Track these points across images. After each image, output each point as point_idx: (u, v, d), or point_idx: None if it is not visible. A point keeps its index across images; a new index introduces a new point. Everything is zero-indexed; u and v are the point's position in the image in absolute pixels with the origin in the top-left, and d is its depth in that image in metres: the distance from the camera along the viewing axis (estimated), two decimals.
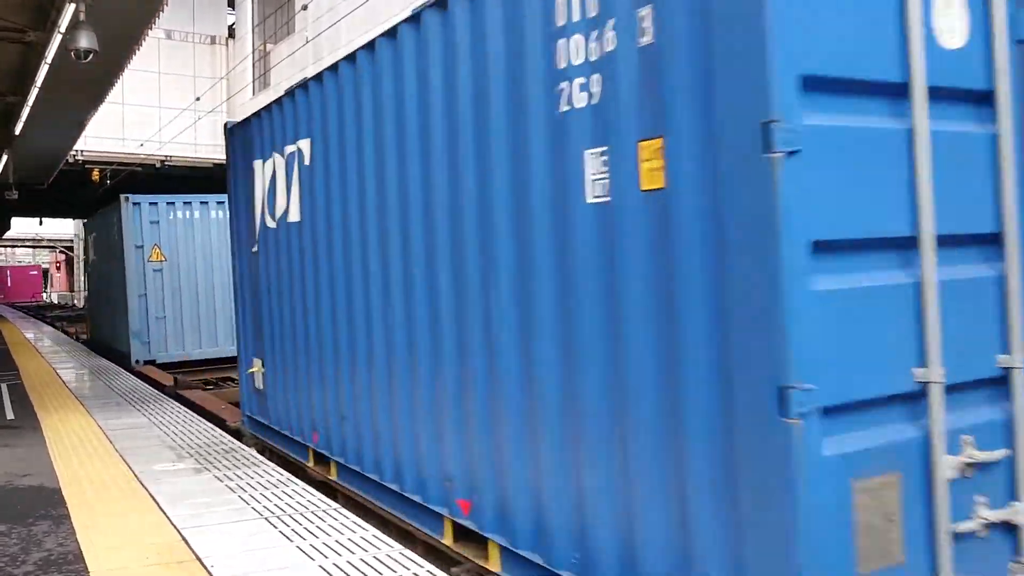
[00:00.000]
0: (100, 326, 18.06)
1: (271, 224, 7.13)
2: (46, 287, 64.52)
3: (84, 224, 19.01)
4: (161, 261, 14.15)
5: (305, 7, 18.70)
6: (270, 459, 6.88)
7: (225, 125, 8.40)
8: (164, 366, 14.04)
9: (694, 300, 3.09)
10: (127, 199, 13.91)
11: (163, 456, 6.63)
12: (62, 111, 13.50)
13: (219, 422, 8.85)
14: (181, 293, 14.22)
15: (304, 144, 6.44)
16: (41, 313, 37.31)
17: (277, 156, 6.91)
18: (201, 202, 14.54)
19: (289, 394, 7.02)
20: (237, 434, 8.27)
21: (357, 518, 4.89)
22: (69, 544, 4.54)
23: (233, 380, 13.22)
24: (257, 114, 7.38)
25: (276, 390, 7.33)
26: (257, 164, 7.43)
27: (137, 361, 13.92)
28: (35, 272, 63.38)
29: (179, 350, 14.29)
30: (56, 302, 55.06)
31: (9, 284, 58.44)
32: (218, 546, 4.42)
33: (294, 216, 6.62)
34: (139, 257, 13.99)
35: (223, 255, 13.44)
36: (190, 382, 12.37)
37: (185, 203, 14.47)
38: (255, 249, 7.57)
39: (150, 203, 14.19)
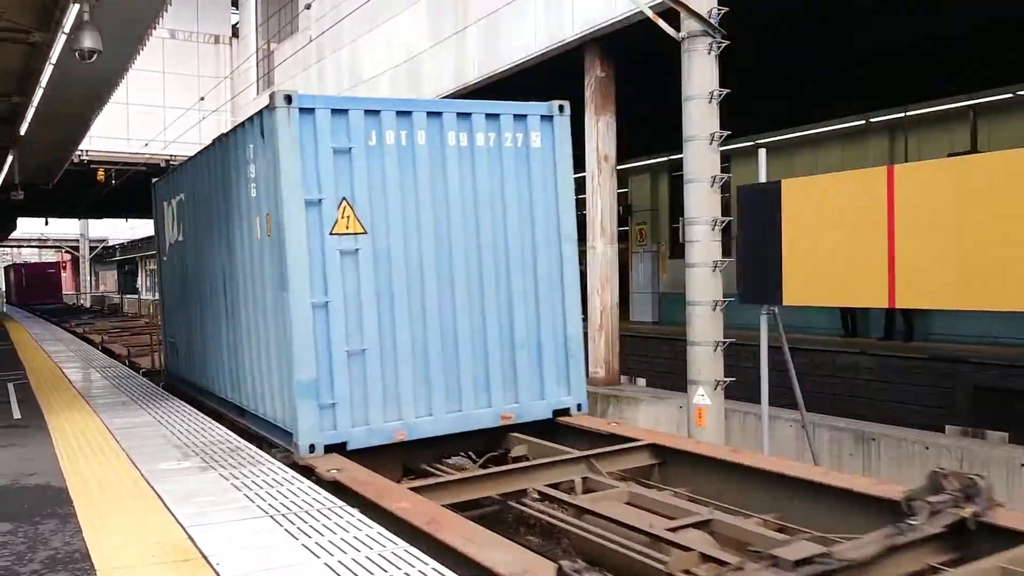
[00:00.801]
0: (195, 360, 10.17)
1: None
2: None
3: (154, 185, 11.81)
4: (356, 234, 6.82)
5: (308, 6, 18.70)
6: None
7: None
8: (362, 455, 6.57)
9: None
10: (288, 99, 6.60)
11: (169, 455, 6.65)
12: (67, 111, 13.52)
13: None
14: (393, 299, 6.95)
15: None
16: (61, 318, 29.86)
17: None
18: (429, 113, 7.20)
19: None
20: None
21: (363, 516, 4.90)
22: (75, 543, 4.56)
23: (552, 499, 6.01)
24: None
25: None
26: None
27: (312, 447, 6.52)
28: (52, 271, 53.87)
29: (392, 420, 6.92)
30: (67, 303, 49.36)
31: (24, 284, 50.54)
32: (224, 544, 4.43)
33: None
34: (314, 224, 6.66)
35: (487, 223, 7.40)
36: None
37: (401, 114, 7.06)
38: None
39: (334, 111, 6.82)
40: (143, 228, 49.69)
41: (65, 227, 54.30)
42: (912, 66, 14.44)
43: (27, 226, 45.49)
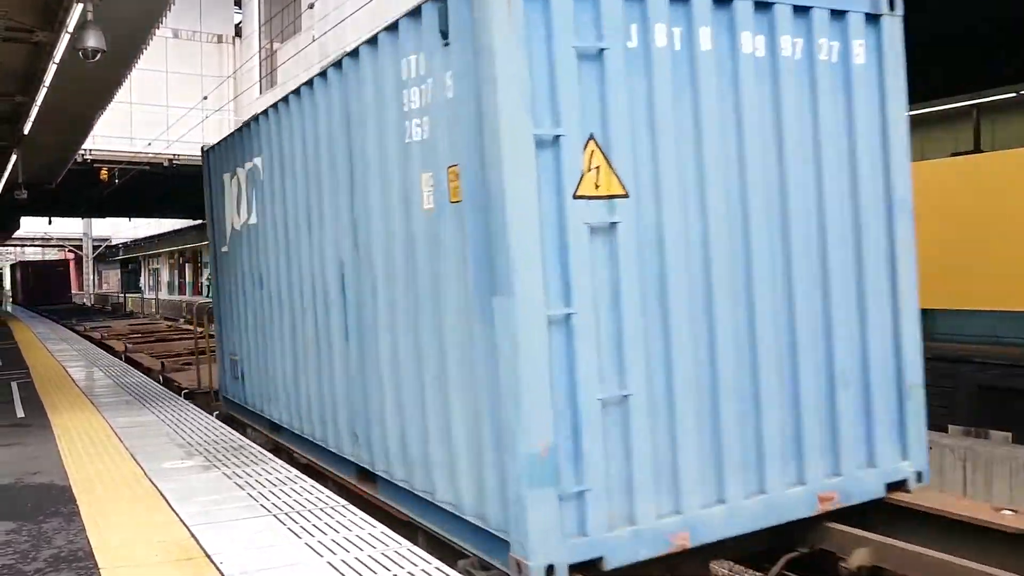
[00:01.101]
0: (274, 388, 7.59)
1: None
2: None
3: (208, 153, 9.30)
4: (613, 197, 4.16)
5: (311, 6, 18.74)
6: None
7: None
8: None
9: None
10: None
11: (172, 454, 6.66)
12: (70, 111, 13.54)
13: None
14: (668, 308, 4.31)
15: None
16: (72, 320, 27.92)
17: None
18: (716, 2, 4.48)
19: None
20: None
21: (366, 515, 4.91)
22: (79, 541, 4.57)
23: None
24: None
25: None
26: None
27: (551, 569, 3.84)
28: (61, 269, 52.02)
29: (668, 513, 4.26)
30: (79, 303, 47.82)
31: (32, 283, 48.03)
32: (227, 543, 4.44)
33: None
34: (547, 178, 4.01)
35: (796, 183, 4.74)
36: None
37: (676, 2, 4.36)
38: None
39: None
40: (145, 227, 49.76)
41: (68, 226, 54.30)
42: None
43: (30, 225, 45.41)
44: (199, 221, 41.39)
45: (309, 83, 6.24)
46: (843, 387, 4.81)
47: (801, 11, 4.75)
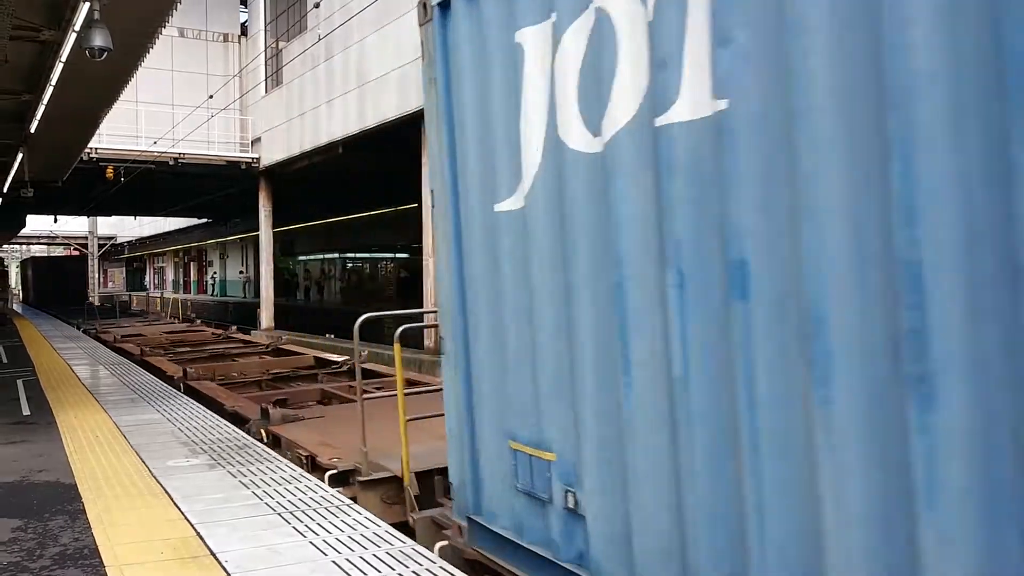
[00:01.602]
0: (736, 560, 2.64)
1: None
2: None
3: (438, 7, 4.02)
4: None
5: (317, 5, 18.76)
6: None
7: None
8: None
9: None
10: None
11: (177, 452, 6.68)
12: (77, 109, 13.57)
13: None
14: None
15: None
16: (94, 325, 23.24)
17: None
18: None
19: None
20: None
21: (370, 514, 4.91)
22: (85, 539, 4.58)
23: None
24: None
25: None
26: None
27: None
28: (76, 265, 46.97)
29: None
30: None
31: (44, 281, 44.51)
32: (232, 542, 4.45)
33: None
34: None
35: None
36: None
37: None
38: None
39: None
40: (150, 226, 49.87)
41: (73, 224, 54.41)
42: None
43: (35, 223, 45.44)
44: (203, 220, 41.47)
45: None
46: None
47: None
